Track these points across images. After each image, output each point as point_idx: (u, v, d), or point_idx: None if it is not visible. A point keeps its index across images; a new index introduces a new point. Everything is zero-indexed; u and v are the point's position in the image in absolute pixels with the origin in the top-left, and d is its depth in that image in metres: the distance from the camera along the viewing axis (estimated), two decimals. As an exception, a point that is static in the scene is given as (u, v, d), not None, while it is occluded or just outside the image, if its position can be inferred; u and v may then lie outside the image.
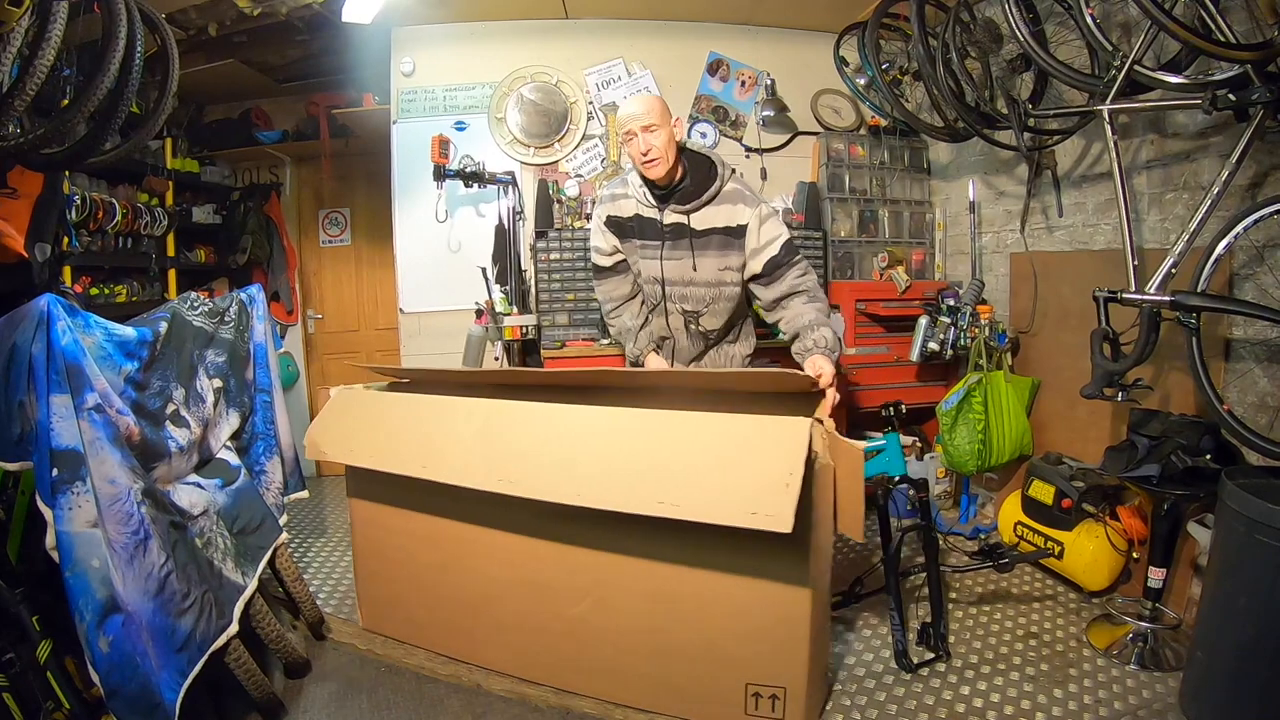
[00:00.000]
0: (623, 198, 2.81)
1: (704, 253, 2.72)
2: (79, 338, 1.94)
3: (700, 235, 2.70)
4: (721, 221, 2.69)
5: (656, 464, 2.22)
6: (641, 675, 2.48)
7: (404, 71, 4.31)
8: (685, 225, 2.71)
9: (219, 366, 2.69)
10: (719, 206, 2.68)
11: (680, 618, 2.37)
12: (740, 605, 2.27)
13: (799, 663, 2.24)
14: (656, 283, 2.84)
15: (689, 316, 2.85)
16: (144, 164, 4.58)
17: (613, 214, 2.84)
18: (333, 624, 3.10)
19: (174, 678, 2.01)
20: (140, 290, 4.50)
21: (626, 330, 3.00)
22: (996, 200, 4.17)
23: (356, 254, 5.87)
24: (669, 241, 2.75)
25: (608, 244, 2.91)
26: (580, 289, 4.08)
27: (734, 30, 4.55)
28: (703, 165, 2.71)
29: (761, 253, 2.66)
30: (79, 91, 2.74)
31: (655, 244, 2.77)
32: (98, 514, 1.88)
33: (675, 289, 2.80)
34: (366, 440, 2.77)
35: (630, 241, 2.85)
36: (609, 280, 3.00)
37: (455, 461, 2.51)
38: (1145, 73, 2.70)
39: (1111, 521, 3.11)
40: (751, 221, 2.66)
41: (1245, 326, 2.82)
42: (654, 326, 2.98)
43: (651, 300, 2.92)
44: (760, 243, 2.66)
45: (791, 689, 2.26)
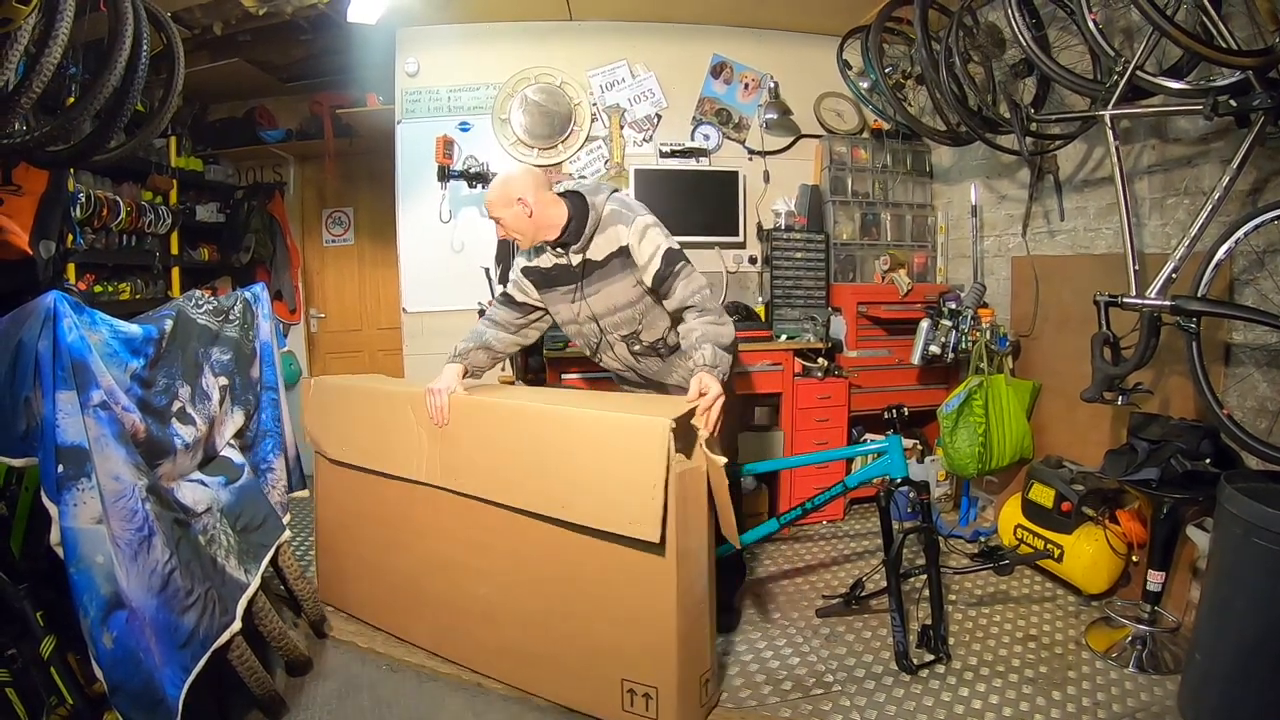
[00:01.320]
0: (539, 251, 2.86)
1: (611, 278, 2.75)
2: (85, 334, 1.95)
3: (602, 264, 2.75)
4: (611, 246, 2.72)
5: (549, 462, 2.39)
6: (541, 660, 2.57)
7: (408, 72, 4.32)
8: (589, 260, 2.77)
9: (224, 364, 2.70)
10: (603, 234, 2.72)
11: (571, 607, 2.46)
12: (617, 601, 2.35)
13: (669, 665, 2.27)
14: (590, 320, 2.87)
15: (630, 340, 2.87)
16: (148, 162, 4.59)
17: (532, 265, 2.89)
18: (334, 622, 3.10)
19: (177, 674, 2.02)
20: (144, 288, 4.52)
21: (477, 336, 2.96)
22: (998, 204, 4.18)
23: (360, 253, 5.88)
24: (586, 279, 2.81)
25: (525, 289, 2.94)
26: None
27: (738, 33, 4.56)
28: (579, 202, 2.75)
29: (647, 269, 2.67)
30: (85, 89, 2.75)
31: (573, 286, 2.83)
32: (102, 510, 1.89)
33: (607, 319, 2.84)
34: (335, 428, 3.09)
35: (554, 291, 2.88)
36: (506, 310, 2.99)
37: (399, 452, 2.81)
38: (1147, 78, 2.71)
39: (1111, 525, 3.11)
40: (631, 240, 2.68)
41: (1245, 331, 2.83)
42: (606, 363, 2.99)
43: (592, 340, 2.93)
44: (644, 259, 2.67)
45: (663, 690, 2.29)
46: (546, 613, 2.52)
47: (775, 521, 3.01)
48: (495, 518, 2.56)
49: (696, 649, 2.35)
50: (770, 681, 2.68)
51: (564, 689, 2.53)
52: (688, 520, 2.22)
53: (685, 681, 2.30)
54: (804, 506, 2.95)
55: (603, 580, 2.36)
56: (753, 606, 3.25)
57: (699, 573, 2.32)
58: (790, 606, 3.24)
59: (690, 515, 2.23)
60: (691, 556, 2.26)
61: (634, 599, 2.31)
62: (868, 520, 4.27)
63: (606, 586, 2.36)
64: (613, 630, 2.36)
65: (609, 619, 2.37)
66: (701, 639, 2.37)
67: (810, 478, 4.00)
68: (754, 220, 4.56)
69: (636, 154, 4.50)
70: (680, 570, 2.21)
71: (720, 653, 2.86)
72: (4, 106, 2.39)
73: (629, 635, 2.33)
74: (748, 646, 2.93)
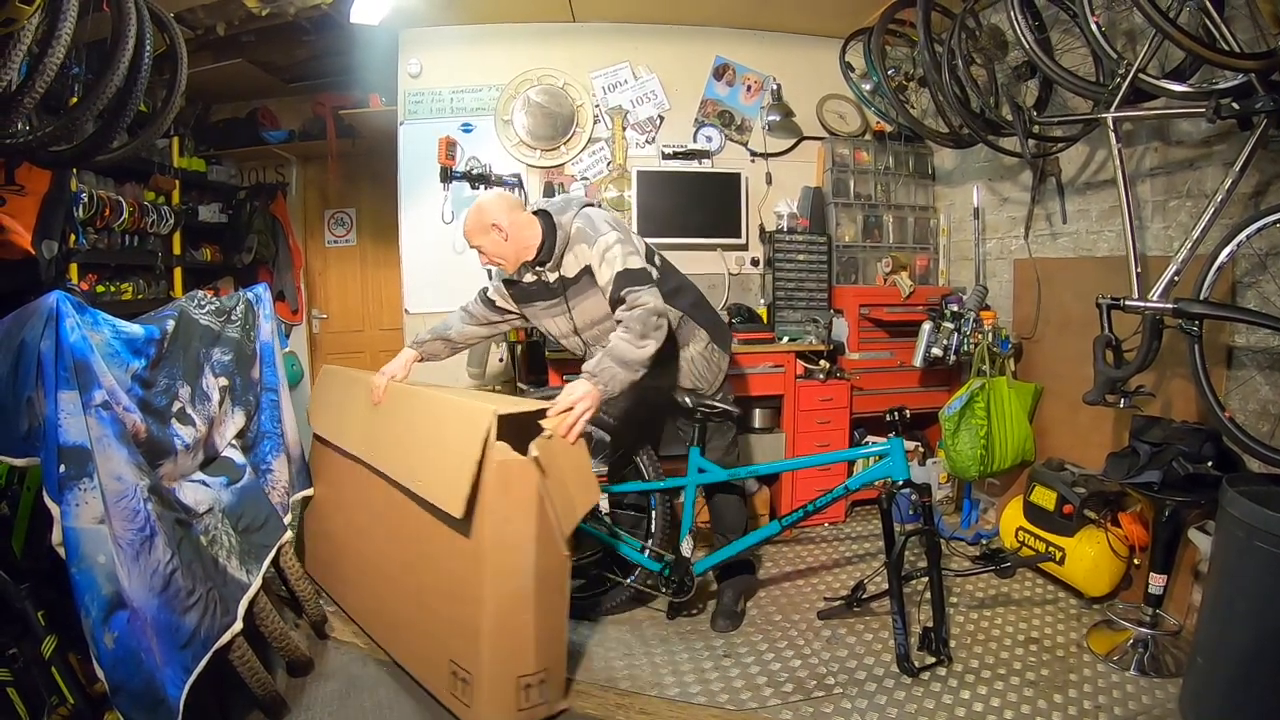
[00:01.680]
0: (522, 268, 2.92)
1: (585, 294, 2.85)
2: (87, 334, 1.96)
3: (575, 281, 2.84)
4: (580, 264, 2.79)
5: (411, 437, 2.65)
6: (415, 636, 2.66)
7: (411, 73, 4.32)
8: (564, 277, 2.86)
9: (225, 365, 2.70)
10: (571, 252, 2.79)
11: (429, 584, 2.55)
12: (448, 578, 2.45)
13: (477, 651, 2.31)
14: (573, 334, 2.98)
15: None
16: (151, 162, 4.59)
17: (512, 278, 2.98)
18: (335, 623, 3.10)
19: (178, 674, 2.02)
20: (146, 288, 4.52)
21: (442, 328, 3.16)
22: (1001, 206, 4.18)
23: (362, 254, 5.90)
24: (565, 294, 2.90)
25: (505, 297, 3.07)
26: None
27: (741, 35, 4.56)
28: (548, 221, 2.82)
29: (606, 290, 2.72)
30: (88, 89, 2.75)
31: (555, 300, 2.92)
32: (104, 510, 1.89)
33: (589, 333, 2.94)
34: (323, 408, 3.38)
35: (534, 305, 2.99)
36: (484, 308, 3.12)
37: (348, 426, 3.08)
38: (1150, 81, 2.70)
39: (1113, 528, 3.11)
40: (593, 260, 2.73)
41: (1247, 334, 2.83)
42: None
43: (578, 352, 3.06)
44: (603, 281, 2.72)
45: (475, 677, 2.32)
46: (418, 588, 2.60)
47: (777, 524, 3.00)
48: (386, 490, 2.71)
49: (514, 646, 2.33)
50: (771, 683, 2.68)
51: (425, 667, 2.60)
52: (507, 511, 2.27)
53: (498, 677, 2.31)
54: (805, 509, 2.95)
55: (439, 556, 2.47)
56: (754, 608, 3.26)
57: (521, 569, 2.31)
58: (792, 608, 3.24)
59: (511, 507, 2.27)
60: (509, 549, 2.29)
61: (455, 579, 2.40)
62: (869, 522, 4.27)
63: (440, 563, 2.47)
64: (446, 608, 2.45)
65: (443, 597, 2.46)
66: (523, 639, 2.34)
67: (812, 480, 4.00)
68: (756, 222, 4.56)
69: (639, 156, 4.50)
70: (492, 557, 2.27)
71: (722, 655, 2.87)
72: (7, 106, 2.39)
73: (454, 614, 2.41)
74: (749, 648, 2.93)
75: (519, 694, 2.34)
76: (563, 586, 2.48)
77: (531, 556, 2.32)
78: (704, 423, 2.98)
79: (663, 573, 3.02)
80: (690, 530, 3.00)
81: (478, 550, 2.29)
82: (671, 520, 3.11)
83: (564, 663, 2.56)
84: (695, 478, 2.98)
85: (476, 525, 2.28)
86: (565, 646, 2.56)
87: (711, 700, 2.59)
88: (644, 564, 3.07)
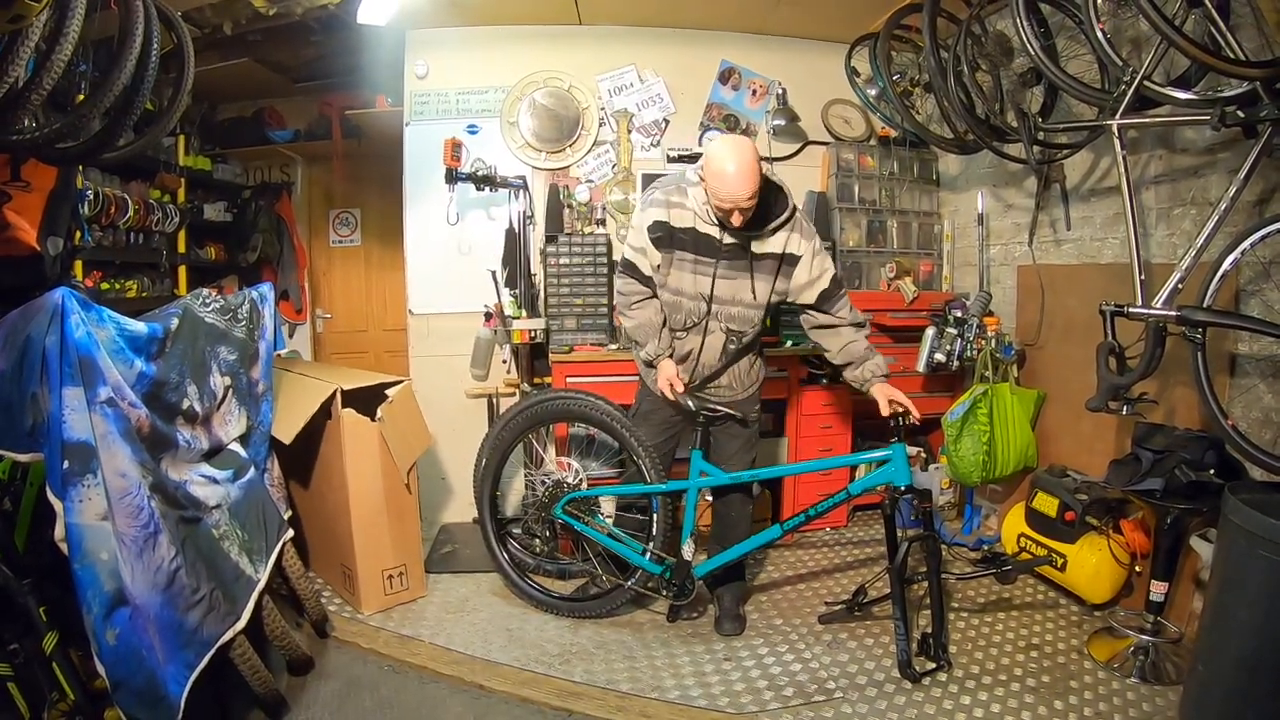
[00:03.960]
0: (679, 207, 2.79)
1: (760, 276, 2.81)
2: (92, 331, 1.96)
3: (759, 259, 2.79)
4: (778, 248, 2.78)
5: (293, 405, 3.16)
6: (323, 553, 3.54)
7: (417, 74, 4.33)
8: (744, 248, 2.78)
9: (230, 364, 2.70)
10: (790, 232, 2.78)
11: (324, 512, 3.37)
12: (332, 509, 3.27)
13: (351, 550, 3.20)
14: (702, 299, 2.86)
15: (732, 336, 2.90)
16: (157, 160, 4.62)
17: (664, 220, 2.81)
18: (336, 622, 3.11)
19: (180, 672, 2.02)
20: (150, 286, 4.54)
21: (649, 325, 2.95)
22: (1005, 213, 4.18)
23: (366, 255, 5.91)
24: (724, 261, 2.80)
25: (651, 256, 2.89)
26: (589, 294, 4.08)
27: (746, 39, 4.56)
28: (771, 190, 2.74)
29: (815, 285, 2.82)
30: (94, 87, 2.75)
31: (710, 261, 2.81)
32: (108, 507, 1.90)
33: (723, 308, 2.86)
34: None
35: (675, 253, 2.84)
36: (636, 282, 2.97)
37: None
38: (1155, 88, 2.70)
39: (1114, 534, 3.11)
40: (805, 254, 2.80)
41: (1250, 342, 2.82)
42: (687, 344, 2.99)
43: (692, 317, 2.92)
44: (813, 275, 2.82)
45: (353, 570, 3.24)
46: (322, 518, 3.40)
47: (779, 528, 3.00)
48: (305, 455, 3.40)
49: (376, 548, 3.25)
50: (772, 686, 2.68)
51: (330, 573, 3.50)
52: (359, 455, 3.15)
53: (368, 569, 3.24)
54: (806, 513, 2.95)
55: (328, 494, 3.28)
56: (756, 612, 3.26)
57: (373, 493, 3.21)
58: (793, 612, 3.24)
59: (361, 453, 3.16)
60: (364, 479, 3.17)
61: (339, 507, 3.21)
62: (870, 527, 4.27)
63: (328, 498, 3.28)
64: (335, 527, 3.28)
65: (332, 520, 3.29)
66: (381, 544, 3.26)
67: (814, 484, 4.00)
68: (760, 226, 4.54)
69: (644, 159, 4.50)
70: (354, 486, 3.15)
71: (723, 658, 2.87)
72: (14, 103, 2.39)
73: (339, 530, 3.25)
74: (749, 651, 2.93)
75: (384, 582, 3.30)
76: (406, 506, 3.34)
77: (380, 485, 3.22)
78: (706, 426, 2.97)
79: (663, 575, 3.02)
80: (692, 534, 3.00)
81: (344, 483, 3.14)
82: (673, 524, 3.10)
83: (420, 562, 3.46)
84: (698, 481, 2.98)
85: (345, 468, 3.13)
86: (419, 550, 3.47)
87: (712, 703, 2.59)
88: (645, 566, 3.07)
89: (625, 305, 3.01)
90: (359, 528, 3.17)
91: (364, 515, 3.18)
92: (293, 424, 3.06)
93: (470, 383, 4.08)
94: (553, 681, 2.73)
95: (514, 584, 3.36)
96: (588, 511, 3.21)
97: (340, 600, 3.38)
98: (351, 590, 3.29)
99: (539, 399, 3.33)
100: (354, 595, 3.28)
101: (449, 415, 4.18)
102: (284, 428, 3.05)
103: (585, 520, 3.18)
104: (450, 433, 4.20)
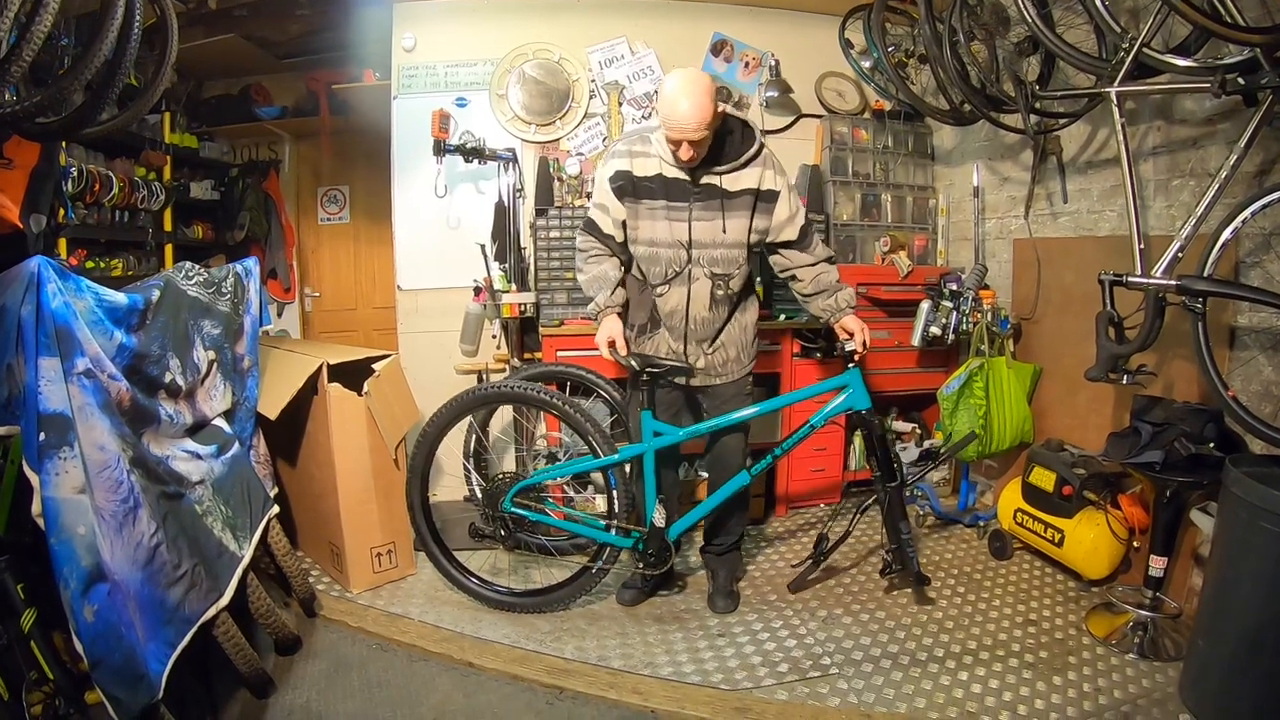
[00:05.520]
0: (642, 155, 2.74)
1: (733, 214, 2.74)
2: (70, 300, 1.90)
3: (733, 196, 2.72)
4: (753, 184, 2.72)
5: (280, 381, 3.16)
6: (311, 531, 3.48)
7: (405, 47, 4.24)
8: (718, 186, 2.72)
9: (214, 339, 2.65)
10: (751, 169, 2.73)
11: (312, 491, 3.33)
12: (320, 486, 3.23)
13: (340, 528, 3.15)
14: (681, 246, 2.77)
15: (718, 280, 2.80)
16: (142, 138, 4.54)
17: (626, 170, 2.75)
18: (324, 601, 3.08)
19: (161, 650, 1.98)
20: (136, 265, 4.46)
21: (603, 279, 2.87)
22: (1000, 186, 4.13)
23: (355, 232, 5.84)
24: (699, 203, 2.72)
25: (614, 211, 2.83)
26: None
27: (739, 11, 4.48)
28: (737, 127, 2.72)
29: (795, 220, 2.82)
30: (76, 60, 2.69)
31: (683, 205, 2.73)
32: (85, 480, 1.85)
33: (704, 251, 2.77)
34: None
35: (642, 203, 2.77)
36: (594, 239, 2.91)
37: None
38: (1154, 55, 2.65)
39: (1112, 509, 3.08)
40: (782, 190, 2.78)
41: (1250, 314, 2.79)
42: (671, 299, 2.87)
43: (673, 266, 2.81)
44: (792, 210, 2.81)
45: (342, 549, 3.19)
46: (310, 497, 3.35)
47: (746, 474, 2.92)
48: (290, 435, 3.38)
49: (364, 525, 3.20)
50: (766, 663, 2.66)
51: (318, 551, 3.47)
52: (346, 430, 3.11)
53: (356, 548, 3.19)
54: (773, 453, 2.97)
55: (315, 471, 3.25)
56: (749, 588, 3.23)
57: (361, 470, 3.17)
58: (786, 590, 3.20)
59: (348, 428, 3.11)
60: (351, 456, 3.13)
61: (326, 485, 3.16)
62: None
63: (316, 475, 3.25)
64: (323, 505, 3.24)
65: (320, 498, 3.24)
66: (370, 520, 3.21)
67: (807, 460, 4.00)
68: (754, 200, 4.48)
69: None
70: (340, 463, 3.10)
71: (716, 634, 2.85)
72: (-5, 74, 2.33)
73: (327, 508, 3.20)
74: (744, 627, 2.91)
75: (373, 560, 3.25)
76: (394, 483, 3.24)
77: (368, 461, 3.19)
78: (652, 384, 2.84)
79: (635, 547, 2.95)
80: (659, 499, 2.90)
81: (331, 460, 3.10)
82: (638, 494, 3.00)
83: (409, 539, 3.34)
84: (652, 443, 2.86)
85: (332, 444, 3.08)
86: (408, 527, 3.24)
87: (705, 679, 2.56)
88: (613, 542, 2.95)
89: (582, 261, 2.97)
90: (346, 505, 3.13)
91: (351, 492, 3.14)
92: (278, 399, 3.03)
93: (460, 359, 4.02)
94: (544, 659, 2.70)
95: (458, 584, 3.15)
96: (540, 499, 3.08)
97: (328, 579, 3.33)
98: (339, 568, 3.25)
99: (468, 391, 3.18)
100: (342, 573, 3.24)
101: (439, 392, 4.05)
102: (270, 403, 3.01)
103: (538, 508, 3.05)
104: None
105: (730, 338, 2.95)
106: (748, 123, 2.77)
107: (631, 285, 2.96)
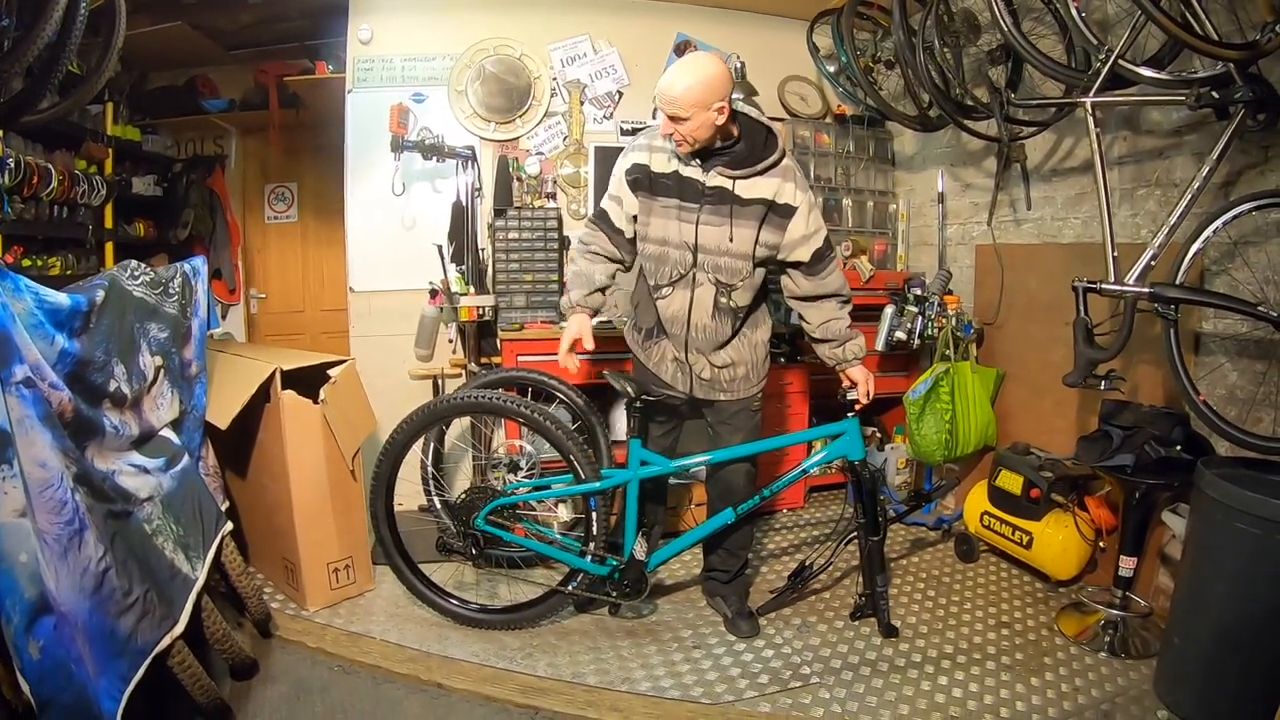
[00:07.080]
0: (660, 150, 2.63)
1: (742, 222, 2.59)
2: (7, 302, 1.74)
3: (744, 204, 2.57)
4: (768, 194, 2.57)
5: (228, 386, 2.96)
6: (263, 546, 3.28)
7: (361, 39, 4.09)
8: (729, 191, 2.57)
9: (161, 343, 2.50)
10: (769, 178, 2.57)
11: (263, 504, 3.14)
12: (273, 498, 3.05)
13: (294, 543, 2.98)
14: (688, 248, 2.65)
15: (722, 289, 2.67)
16: (83, 129, 4.31)
17: (644, 163, 2.65)
18: (280, 620, 2.92)
19: (114, 684, 1.84)
20: (75, 263, 4.24)
21: (588, 275, 2.79)
22: (963, 192, 4.16)
23: (303, 231, 5.66)
24: (708, 205, 2.60)
25: (628, 205, 2.73)
26: (539, 270, 3.94)
27: (703, 12, 4.44)
28: (758, 132, 2.58)
29: (810, 240, 2.62)
30: (16, 43, 2.52)
31: (693, 206, 2.61)
32: (26, 502, 1.69)
33: (709, 257, 2.64)
34: None
35: (657, 200, 2.66)
36: (603, 235, 2.81)
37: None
38: (1129, 68, 2.67)
39: (1080, 511, 3.11)
40: (801, 206, 2.59)
41: (1215, 320, 2.84)
42: (674, 303, 2.74)
43: (679, 268, 2.70)
44: (809, 230, 2.61)
45: (297, 564, 3.01)
46: (262, 510, 3.15)
47: (731, 512, 2.83)
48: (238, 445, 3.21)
49: (320, 540, 3.04)
50: (746, 674, 2.61)
51: (270, 567, 3.28)
52: (301, 439, 2.94)
53: (312, 562, 3.02)
54: (761, 494, 2.85)
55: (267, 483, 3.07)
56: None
57: (316, 481, 3.00)
58: (759, 599, 3.14)
59: (303, 437, 2.95)
60: (306, 467, 2.97)
61: (279, 497, 2.99)
62: (828, 508, 4.24)
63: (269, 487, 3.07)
64: (276, 519, 3.07)
65: (273, 511, 3.07)
66: (325, 535, 3.05)
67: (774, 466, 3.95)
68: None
69: (596, 131, 4.35)
70: (294, 474, 2.93)
71: (692, 645, 2.79)
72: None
73: (280, 522, 3.04)
74: (719, 639, 2.85)
75: (330, 576, 3.09)
76: (352, 494, 3.13)
77: (324, 472, 3.02)
78: (645, 412, 2.80)
79: (611, 576, 2.84)
80: (639, 530, 2.82)
81: (285, 471, 2.93)
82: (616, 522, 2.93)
83: (367, 553, 3.22)
84: (639, 471, 2.78)
85: (286, 455, 2.91)
86: (366, 541, 3.19)
87: (686, 694, 2.50)
88: (586, 569, 2.85)
89: (579, 251, 2.87)
90: (302, 519, 2.97)
91: (307, 505, 2.98)
92: (229, 407, 2.84)
93: (414, 364, 3.88)
94: (516, 677, 2.60)
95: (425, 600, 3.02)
96: (515, 517, 2.97)
97: (283, 597, 3.15)
98: (295, 585, 3.08)
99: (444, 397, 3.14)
100: (298, 591, 3.06)
101: (392, 399, 3.91)
102: (219, 412, 2.83)
103: (514, 529, 2.95)
104: (394, 417, 3.85)
105: (740, 355, 2.80)
106: (773, 130, 2.62)
107: (642, 287, 2.87)
